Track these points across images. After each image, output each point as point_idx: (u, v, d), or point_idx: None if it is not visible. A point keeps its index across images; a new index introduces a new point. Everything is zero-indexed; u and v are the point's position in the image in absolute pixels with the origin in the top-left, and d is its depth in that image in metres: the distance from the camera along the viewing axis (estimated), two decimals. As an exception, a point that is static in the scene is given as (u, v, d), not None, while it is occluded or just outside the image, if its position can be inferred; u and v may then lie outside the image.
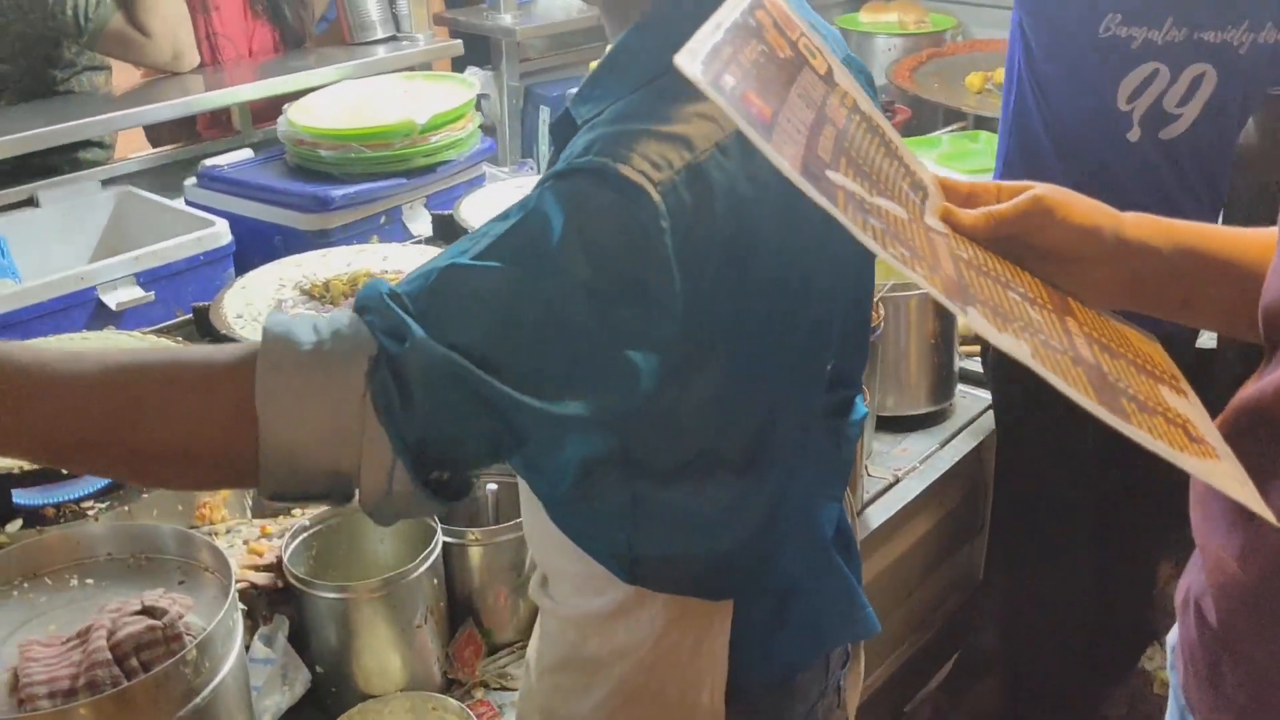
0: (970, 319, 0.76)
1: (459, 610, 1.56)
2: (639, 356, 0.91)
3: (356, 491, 0.88)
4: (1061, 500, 2.18)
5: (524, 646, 1.59)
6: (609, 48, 1.05)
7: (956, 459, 2.06)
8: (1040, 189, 0.95)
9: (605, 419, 0.95)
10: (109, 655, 1.12)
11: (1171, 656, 1.11)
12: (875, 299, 1.80)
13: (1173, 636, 1.10)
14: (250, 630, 1.42)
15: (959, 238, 0.92)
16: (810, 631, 1.18)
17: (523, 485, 1.16)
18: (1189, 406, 0.87)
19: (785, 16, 0.90)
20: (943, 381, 2.13)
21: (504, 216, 0.92)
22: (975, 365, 2.29)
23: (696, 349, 0.95)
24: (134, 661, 1.14)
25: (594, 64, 2.95)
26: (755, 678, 1.16)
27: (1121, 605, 2.42)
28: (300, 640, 1.46)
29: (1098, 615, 2.30)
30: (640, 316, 0.90)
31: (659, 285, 0.89)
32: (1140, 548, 2.40)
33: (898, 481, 1.98)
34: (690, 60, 0.74)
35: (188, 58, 2.73)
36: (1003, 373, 2.13)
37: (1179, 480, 0.87)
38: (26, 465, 1.41)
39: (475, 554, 1.55)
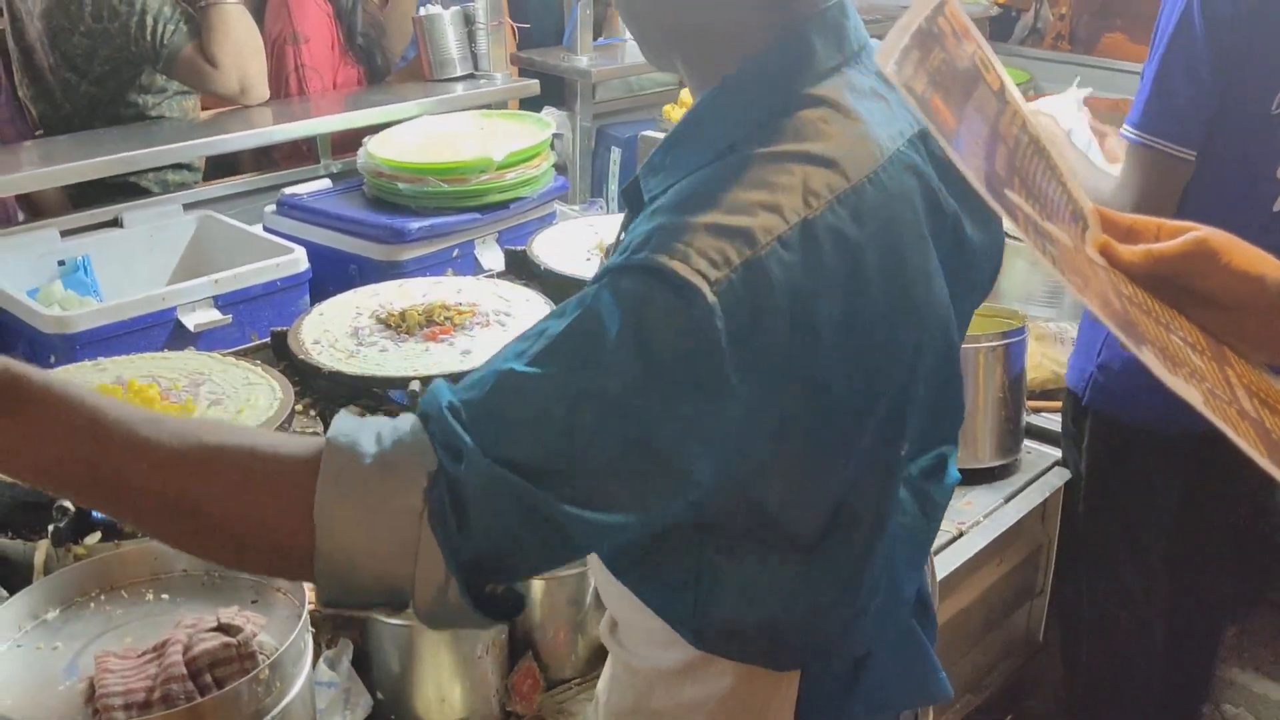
0: (1145, 354, 0.74)
1: (518, 644, 1.57)
2: (696, 458, 0.90)
3: (411, 602, 0.90)
4: (1140, 565, 2.15)
5: (581, 683, 1.60)
6: (687, 111, 1.06)
7: (1021, 515, 2.04)
8: (1205, 231, 0.91)
9: (663, 522, 0.95)
10: (184, 670, 1.14)
11: None
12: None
13: None
14: (314, 653, 1.43)
15: (1117, 274, 0.89)
16: (881, 697, 1.16)
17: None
18: None
19: (964, 26, 0.88)
20: (1010, 435, 2.11)
21: (561, 313, 0.91)
22: (1041, 421, 2.27)
23: (760, 444, 0.93)
24: (208, 677, 1.15)
25: (667, 107, 3.02)
26: None
27: (1186, 672, 2.37)
28: (363, 665, 1.47)
29: (1162, 683, 2.26)
30: (696, 417, 0.88)
31: (715, 385, 0.88)
32: (1211, 613, 2.36)
33: (961, 535, 1.96)
34: (885, 59, 0.74)
35: (255, 92, 2.79)
36: (1098, 430, 2.11)
37: (1254, 541, 0.86)
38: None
39: (536, 588, 1.55)
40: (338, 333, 1.87)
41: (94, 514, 1.49)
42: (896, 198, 0.97)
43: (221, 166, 3.09)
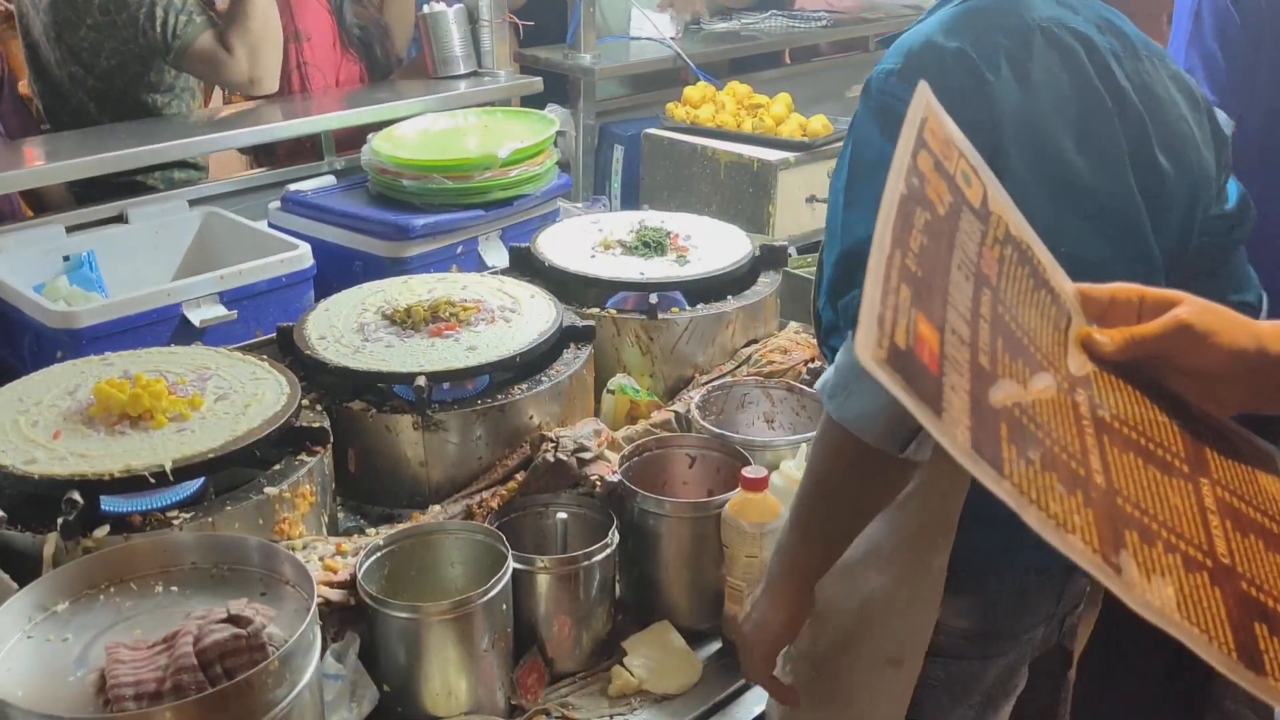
0: (1122, 581, 0.76)
1: (524, 637, 1.58)
2: None
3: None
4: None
5: (585, 677, 1.61)
6: None
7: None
8: (1184, 312, 0.93)
9: None
10: (194, 661, 1.15)
11: None
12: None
13: None
14: (321, 646, 1.44)
15: (1101, 378, 0.91)
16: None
17: None
18: None
19: (945, 142, 0.91)
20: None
21: None
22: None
23: None
24: (218, 669, 1.16)
25: (670, 105, 3.02)
26: (992, 567, 1.36)
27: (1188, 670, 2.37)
28: (369, 658, 1.48)
29: (1164, 677, 2.25)
30: None
31: None
32: None
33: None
34: (864, 349, 0.75)
35: (265, 83, 2.79)
36: None
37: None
38: (116, 472, 1.45)
39: (543, 582, 1.57)
40: (343, 328, 1.88)
41: (103, 507, 1.50)
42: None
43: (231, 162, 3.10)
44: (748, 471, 1.60)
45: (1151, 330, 0.93)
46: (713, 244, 2.26)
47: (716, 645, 1.69)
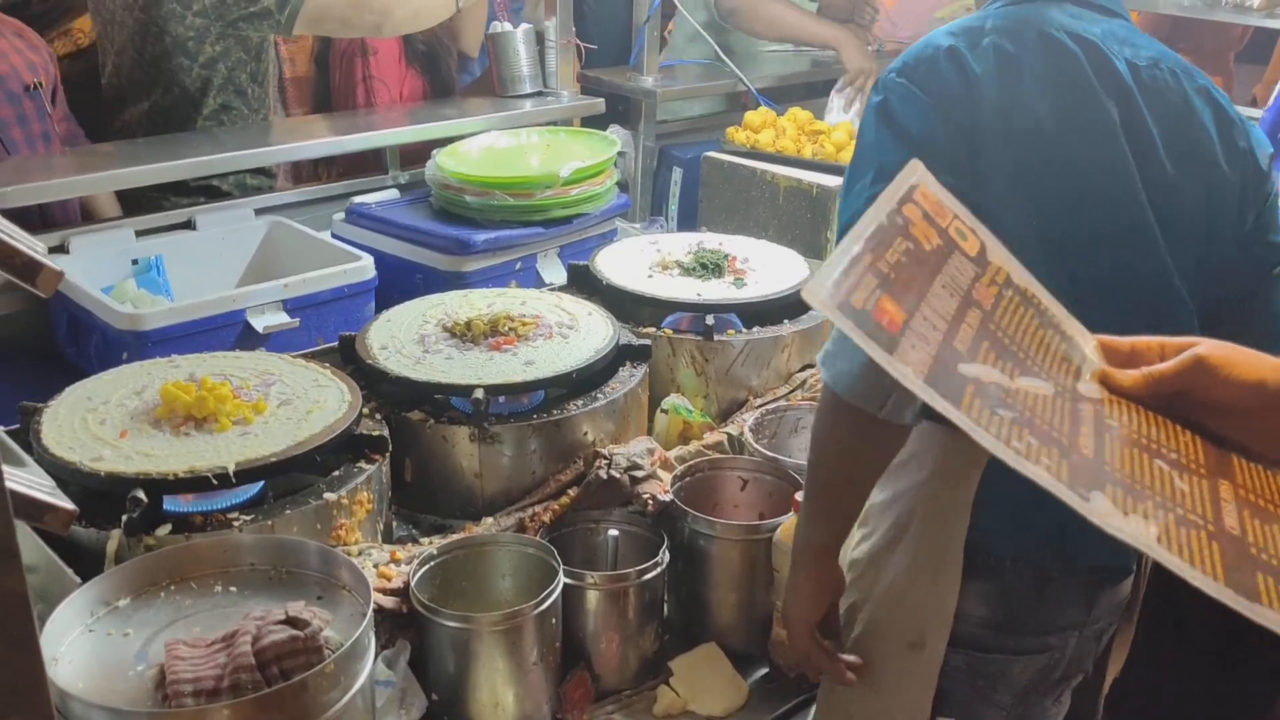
0: (1091, 506, 0.78)
1: (572, 652, 1.58)
2: None
3: None
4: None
5: (632, 694, 1.61)
6: None
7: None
8: (1203, 348, 0.95)
9: None
10: (253, 660, 1.17)
11: None
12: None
13: None
14: (373, 651, 1.46)
15: (1116, 402, 0.93)
16: (1066, 529, 1.27)
17: None
18: None
19: (936, 205, 0.96)
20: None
21: None
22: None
23: None
24: (275, 669, 1.18)
25: (730, 129, 3.04)
26: (1007, 551, 1.41)
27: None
28: (419, 666, 1.49)
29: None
30: None
31: None
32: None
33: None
34: (816, 290, 0.79)
35: (392, 22, 2.82)
36: None
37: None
38: (180, 472, 1.48)
39: (592, 597, 1.57)
40: (404, 339, 1.90)
41: (165, 506, 1.52)
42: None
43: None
44: (801, 496, 1.60)
45: (1169, 367, 0.94)
46: (770, 267, 2.27)
47: (764, 670, 1.68)
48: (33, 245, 0.86)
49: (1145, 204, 1.37)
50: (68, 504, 0.92)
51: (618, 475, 1.72)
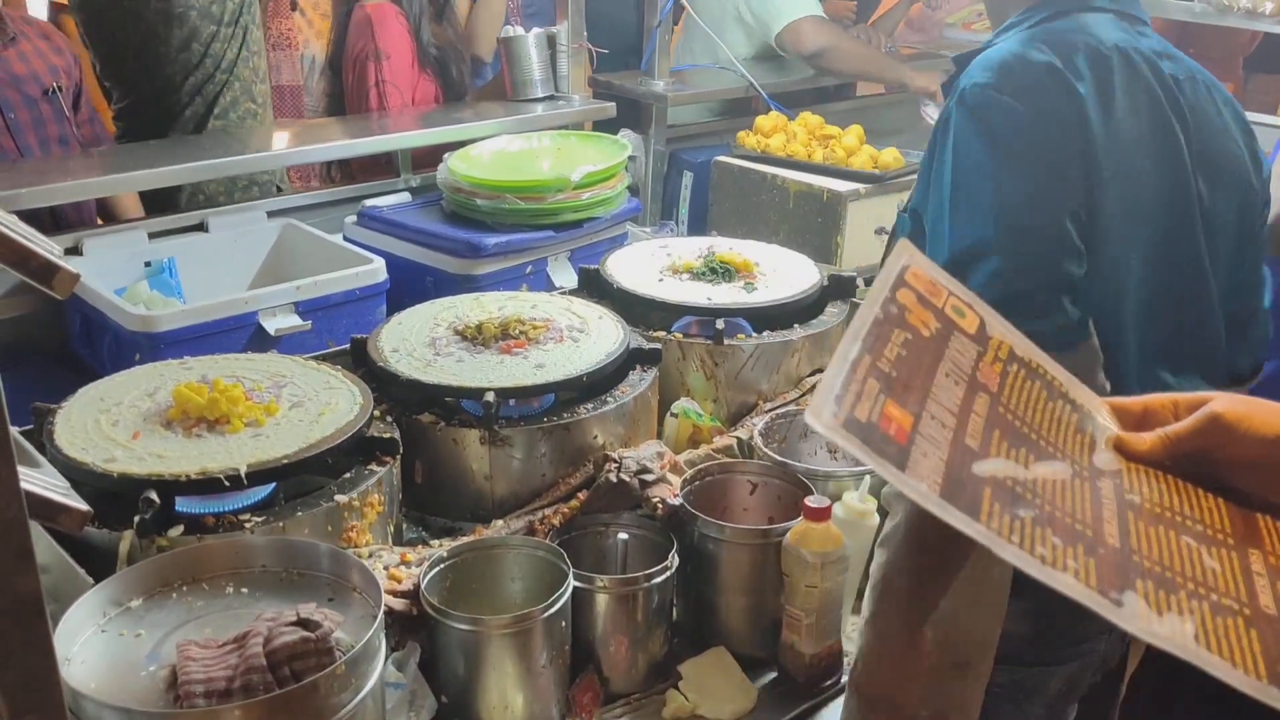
0: (1124, 611, 0.75)
1: (580, 656, 1.59)
2: None
3: None
4: None
5: (641, 698, 1.61)
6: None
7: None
8: (1218, 404, 0.93)
9: None
10: (264, 661, 1.18)
11: None
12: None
13: None
14: (384, 653, 1.46)
15: (1134, 470, 0.91)
16: None
17: None
18: None
19: (930, 284, 0.93)
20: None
21: None
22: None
23: None
24: (286, 670, 1.18)
25: (741, 134, 3.04)
26: None
27: None
28: (428, 668, 1.50)
29: None
30: None
31: None
32: None
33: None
34: (819, 410, 0.77)
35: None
36: None
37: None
38: (192, 473, 1.49)
39: (602, 601, 1.57)
40: (415, 342, 1.91)
41: (177, 508, 1.53)
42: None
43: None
44: (811, 501, 1.60)
45: (1184, 427, 0.92)
46: (781, 272, 2.27)
47: (772, 674, 1.68)
48: (50, 248, 0.87)
49: (1201, 236, 1.37)
50: (82, 505, 0.93)
51: (627, 479, 1.72)
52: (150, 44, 2.73)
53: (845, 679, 1.52)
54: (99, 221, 2.87)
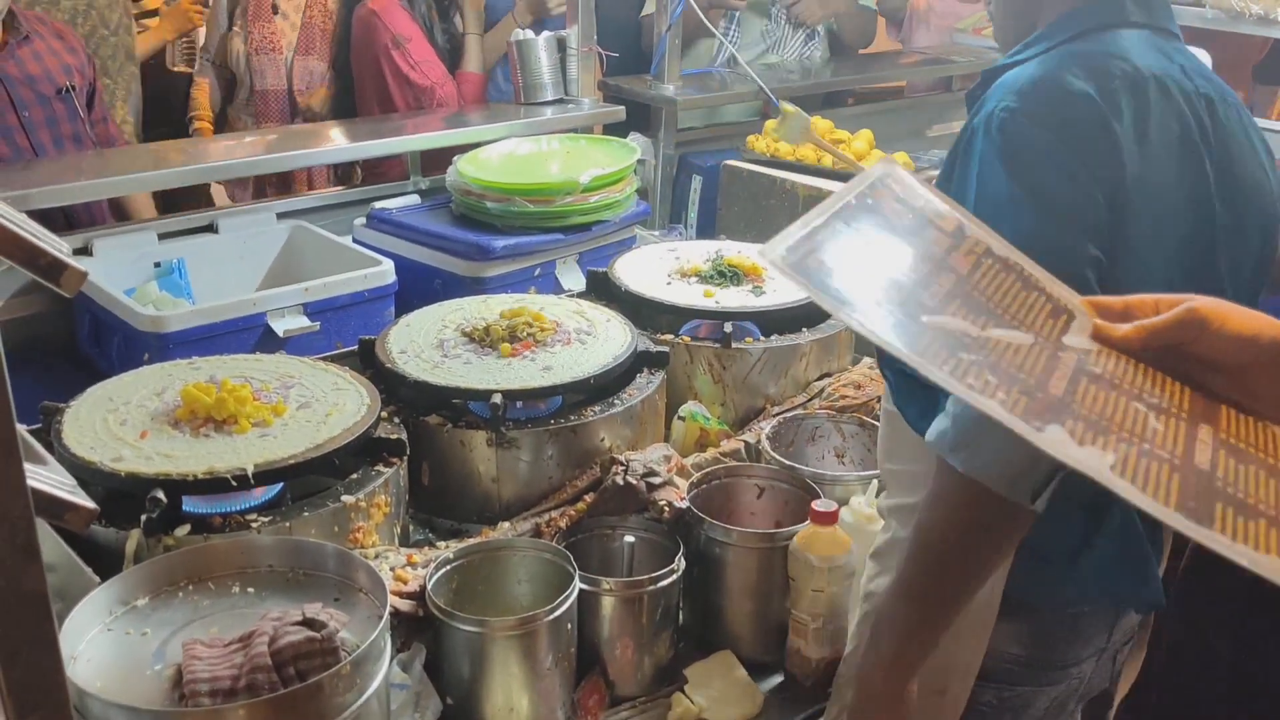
0: (1044, 436, 0.76)
1: (586, 658, 1.58)
2: None
3: None
4: None
5: (646, 702, 1.61)
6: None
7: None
8: (1198, 301, 0.94)
9: None
10: (269, 661, 1.18)
11: None
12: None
13: None
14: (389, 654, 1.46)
15: (1107, 353, 0.92)
16: (1099, 582, 1.37)
17: (884, 413, 1.51)
18: None
19: (910, 188, 0.96)
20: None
21: None
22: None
23: None
24: (291, 670, 1.19)
25: (751, 138, 3.04)
26: (1045, 599, 1.39)
27: None
28: (434, 670, 1.50)
29: None
30: None
31: None
32: None
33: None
34: (770, 250, 0.79)
35: None
36: None
37: None
38: (199, 473, 1.49)
39: (608, 604, 1.57)
40: (423, 343, 1.91)
41: (185, 507, 1.53)
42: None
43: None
44: (818, 505, 1.60)
45: (1162, 321, 0.93)
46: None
47: (779, 678, 1.68)
48: (58, 245, 0.87)
49: (1223, 266, 1.34)
50: (88, 502, 0.92)
51: (634, 481, 1.72)
52: None
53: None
54: (112, 221, 2.88)
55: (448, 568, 1.56)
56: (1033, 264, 0.99)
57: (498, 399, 1.71)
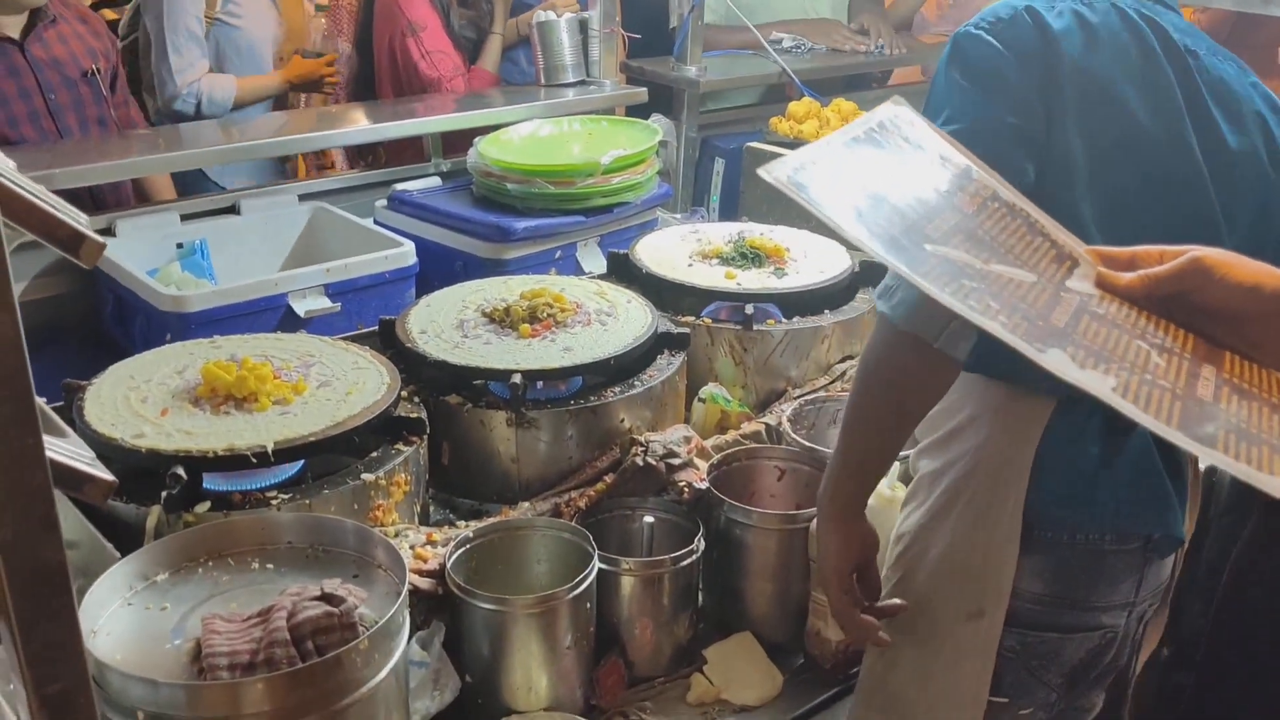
0: (1045, 357, 0.77)
1: (605, 638, 1.58)
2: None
3: None
4: None
5: (665, 682, 1.61)
6: None
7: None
8: (1201, 251, 0.95)
9: None
10: (288, 635, 1.18)
11: None
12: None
13: None
14: (408, 631, 1.46)
15: (1109, 299, 0.93)
16: (1117, 513, 1.40)
17: None
18: None
19: (918, 128, 0.97)
20: None
21: None
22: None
23: None
24: (310, 644, 1.18)
25: (774, 120, 3.02)
26: (1065, 528, 1.40)
27: None
28: (453, 648, 1.50)
29: None
30: None
31: None
32: None
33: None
34: (772, 169, 0.79)
35: None
36: None
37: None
38: (219, 450, 1.49)
39: (627, 584, 1.57)
40: (444, 324, 1.91)
41: (205, 484, 1.54)
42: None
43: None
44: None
45: (1165, 270, 0.95)
46: (811, 258, 2.26)
47: (799, 659, 1.68)
48: (76, 217, 0.87)
49: (1212, 191, 1.35)
50: (106, 474, 0.92)
51: (654, 462, 1.72)
52: None
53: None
54: (136, 203, 2.89)
55: (467, 546, 1.56)
56: (1039, 212, 0.99)
57: (517, 379, 1.71)
